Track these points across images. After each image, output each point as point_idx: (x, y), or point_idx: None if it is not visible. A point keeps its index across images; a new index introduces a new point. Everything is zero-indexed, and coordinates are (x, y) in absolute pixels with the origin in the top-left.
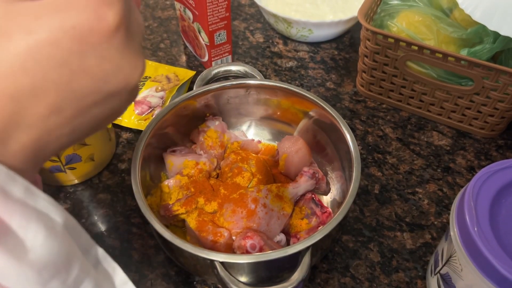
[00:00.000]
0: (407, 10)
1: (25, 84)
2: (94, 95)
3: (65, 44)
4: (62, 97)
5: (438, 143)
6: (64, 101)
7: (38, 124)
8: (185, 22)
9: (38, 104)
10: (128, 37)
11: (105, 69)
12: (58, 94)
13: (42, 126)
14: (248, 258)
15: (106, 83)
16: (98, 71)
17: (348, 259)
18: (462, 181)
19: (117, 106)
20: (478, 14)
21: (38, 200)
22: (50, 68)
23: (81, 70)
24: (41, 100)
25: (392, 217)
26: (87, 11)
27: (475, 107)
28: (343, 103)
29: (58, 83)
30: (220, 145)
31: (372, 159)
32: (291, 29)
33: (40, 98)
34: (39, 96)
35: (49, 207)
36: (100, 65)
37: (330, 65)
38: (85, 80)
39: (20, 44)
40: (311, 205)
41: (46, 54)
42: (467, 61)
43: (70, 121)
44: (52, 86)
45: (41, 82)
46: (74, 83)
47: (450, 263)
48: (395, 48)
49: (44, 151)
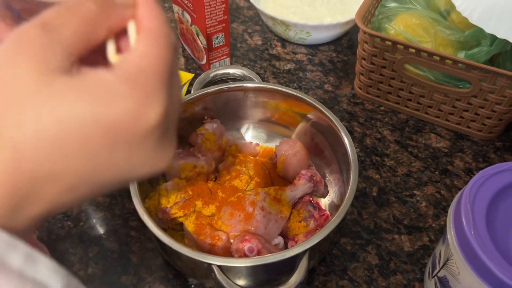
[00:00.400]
0: (404, 13)
1: (46, 169)
2: (115, 182)
3: (96, 138)
4: (80, 181)
5: (436, 145)
6: (82, 184)
7: (52, 200)
8: (183, 25)
9: (55, 186)
10: (164, 132)
11: (133, 163)
12: (77, 179)
13: (56, 201)
14: (245, 262)
15: (130, 173)
16: (125, 165)
17: (346, 261)
18: (460, 184)
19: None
20: (475, 17)
21: (38, 267)
22: (74, 159)
23: (108, 163)
24: (59, 183)
25: (390, 219)
26: (128, 106)
27: (472, 110)
28: (341, 105)
29: (80, 172)
30: (218, 147)
31: (370, 162)
32: (289, 31)
33: (58, 182)
34: (58, 181)
35: (49, 274)
36: (129, 160)
37: (328, 67)
38: (110, 172)
39: (48, 127)
40: (309, 208)
41: (72, 144)
42: (464, 63)
43: (84, 197)
44: (72, 174)
45: (62, 170)
46: (97, 174)
47: (447, 266)
48: (392, 50)
49: (51, 215)
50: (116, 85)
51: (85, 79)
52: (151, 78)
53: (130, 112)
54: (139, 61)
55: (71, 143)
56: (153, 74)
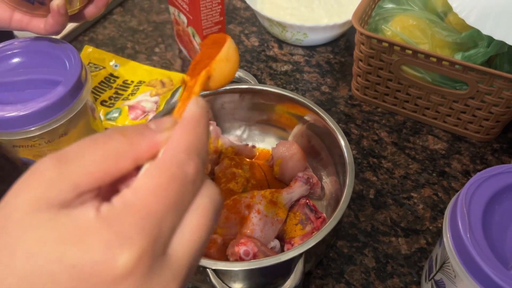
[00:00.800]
0: (401, 14)
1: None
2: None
3: (61, 282)
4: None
5: (433, 147)
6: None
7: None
8: (179, 26)
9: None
10: (148, 280)
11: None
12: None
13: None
14: (240, 266)
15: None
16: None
17: (343, 264)
18: (457, 186)
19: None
20: (472, 18)
21: None
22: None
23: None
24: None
25: (387, 222)
26: (95, 250)
27: (470, 111)
28: (338, 107)
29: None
30: (214, 150)
31: (367, 164)
32: (286, 33)
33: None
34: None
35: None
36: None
37: (325, 69)
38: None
39: (22, 267)
40: (305, 210)
41: (40, 283)
42: (461, 65)
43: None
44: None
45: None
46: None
47: (443, 269)
48: (389, 52)
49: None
50: (92, 224)
51: (70, 217)
52: (130, 217)
53: (97, 255)
54: (130, 195)
55: (40, 281)
56: (134, 212)
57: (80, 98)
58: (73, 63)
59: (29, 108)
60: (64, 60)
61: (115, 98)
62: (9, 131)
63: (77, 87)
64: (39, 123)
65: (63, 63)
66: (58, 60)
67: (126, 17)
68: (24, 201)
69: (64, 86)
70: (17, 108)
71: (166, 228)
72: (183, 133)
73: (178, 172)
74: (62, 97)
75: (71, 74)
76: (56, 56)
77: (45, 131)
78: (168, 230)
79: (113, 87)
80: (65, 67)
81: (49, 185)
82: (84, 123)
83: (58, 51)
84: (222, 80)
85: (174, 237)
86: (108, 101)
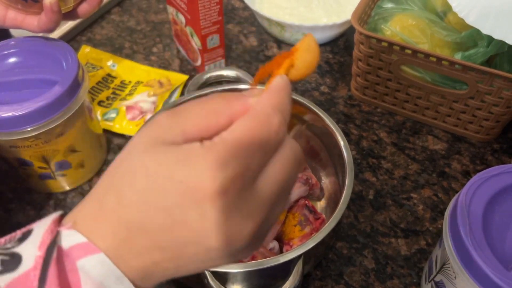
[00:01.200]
0: (401, 14)
1: (136, 219)
2: (194, 246)
3: (170, 195)
4: (164, 238)
5: (433, 147)
6: (166, 243)
7: (145, 254)
8: (177, 26)
9: (144, 237)
10: (238, 202)
11: (205, 226)
12: (161, 234)
13: (148, 257)
14: (238, 267)
15: (205, 238)
16: (197, 226)
17: (342, 266)
18: (457, 186)
19: (217, 260)
20: (471, 18)
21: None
22: (156, 211)
23: (182, 221)
24: (147, 234)
25: (386, 223)
26: (199, 169)
27: (470, 111)
28: (338, 107)
29: (161, 226)
30: None
31: (367, 164)
32: (285, 32)
33: (146, 233)
34: (146, 231)
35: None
36: (200, 221)
37: (325, 69)
38: (185, 231)
39: (141, 183)
40: (304, 211)
41: (154, 199)
42: (461, 65)
43: (172, 260)
44: (156, 226)
45: (148, 220)
46: (175, 230)
47: (444, 270)
48: (389, 52)
49: (150, 278)
50: (197, 151)
51: (181, 148)
52: (228, 147)
53: (199, 173)
54: (227, 134)
55: (153, 197)
56: (231, 145)
57: (77, 98)
58: (70, 63)
59: (25, 108)
60: (61, 60)
61: (113, 98)
62: (5, 131)
63: (74, 87)
64: (35, 123)
65: (60, 63)
66: (55, 60)
67: (124, 17)
68: (145, 138)
69: (61, 86)
70: (14, 108)
71: (255, 162)
72: (270, 95)
73: (265, 120)
74: (59, 97)
75: (68, 74)
76: (53, 56)
77: (41, 131)
78: (256, 165)
79: (111, 87)
80: (62, 67)
81: (164, 129)
82: (81, 123)
83: (55, 51)
84: (304, 69)
85: (261, 174)
86: (105, 101)
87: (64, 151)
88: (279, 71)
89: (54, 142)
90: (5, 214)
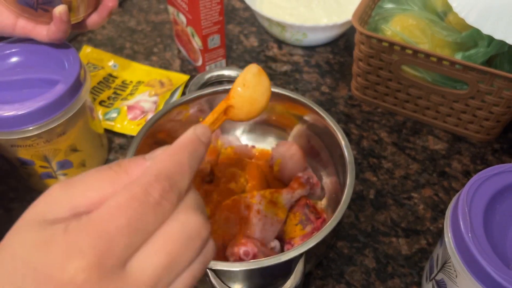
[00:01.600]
0: (401, 14)
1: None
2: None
3: (27, 282)
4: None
5: (433, 147)
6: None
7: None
8: (178, 26)
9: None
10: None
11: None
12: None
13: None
14: (240, 266)
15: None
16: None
17: (343, 265)
18: (457, 186)
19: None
20: (472, 18)
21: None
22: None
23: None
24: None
25: (387, 222)
26: (52, 257)
27: (470, 111)
28: (338, 107)
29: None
30: (213, 150)
31: (367, 164)
32: (285, 33)
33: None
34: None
35: None
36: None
37: (325, 69)
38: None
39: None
40: (305, 210)
41: (11, 284)
42: (461, 65)
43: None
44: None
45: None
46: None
47: (445, 269)
48: (389, 52)
49: None
50: (58, 236)
51: (46, 230)
52: (86, 233)
53: (54, 261)
54: (95, 212)
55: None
56: (90, 229)
57: (78, 98)
58: (72, 62)
59: (27, 107)
60: (62, 60)
61: (114, 98)
62: (7, 131)
63: (76, 86)
64: (37, 123)
65: (62, 62)
66: (56, 59)
67: (125, 17)
68: (30, 213)
69: (63, 85)
70: (15, 108)
71: (120, 245)
72: (162, 158)
73: (139, 193)
74: (61, 96)
75: (70, 74)
76: (55, 55)
77: (43, 130)
78: (123, 248)
79: (112, 87)
80: (64, 67)
81: (51, 203)
82: (82, 123)
83: (56, 51)
84: (248, 106)
85: (136, 255)
86: (106, 101)
87: (65, 151)
88: (208, 118)
89: (55, 141)
90: (6, 214)
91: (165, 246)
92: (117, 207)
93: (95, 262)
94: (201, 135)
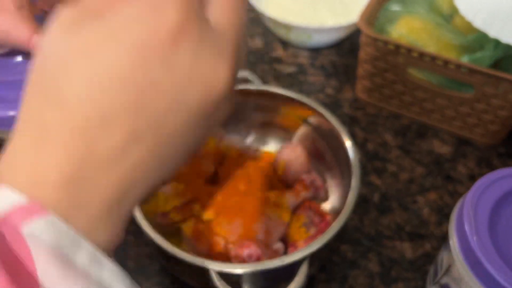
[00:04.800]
0: (407, 16)
1: (93, 115)
2: (174, 113)
3: (123, 59)
4: (136, 121)
5: (438, 150)
6: (141, 125)
7: (118, 158)
8: None
9: (112, 134)
10: (203, 37)
11: (176, 80)
12: (131, 118)
13: (123, 159)
14: (244, 268)
15: (182, 96)
16: (168, 83)
17: (346, 269)
18: (462, 190)
19: (204, 121)
20: (479, 21)
21: (103, 271)
22: (115, 91)
23: (148, 85)
24: (114, 129)
25: (391, 226)
26: (143, 15)
27: (475, 115)
28: (343, 109)
29: (127, 106)
30: (217, 151)
31: (372, 167)
32: (290, 34)
33: (112, 128)
34: (111, 126)
35: (113, 277)
36: (169, 76)
37: (330, 71)
38: (157, 96)
39: (83, 73)
40: (309, 213)
41: (107, 77)
42: (467, 68)
43: (154, 150)
44: (121, 111)
45: (109, 109)
46: (145, 102)
47: (449, 273)
48: (395, 54)
49: (129, 196)
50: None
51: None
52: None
53: (145, 19)
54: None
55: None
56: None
57: None
58: None
59: None
60: None
61: None
62: (9, 130)
63: None
64: None
65: None
66: None
67: None
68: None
69: None
70: (16, 107)
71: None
72: None
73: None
74: None
75: None
76: None
77: None
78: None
79: None
80: None
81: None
82: None
83: None
84: None
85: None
86: None
87: None
88: None
89: None
90: None
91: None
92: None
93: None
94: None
